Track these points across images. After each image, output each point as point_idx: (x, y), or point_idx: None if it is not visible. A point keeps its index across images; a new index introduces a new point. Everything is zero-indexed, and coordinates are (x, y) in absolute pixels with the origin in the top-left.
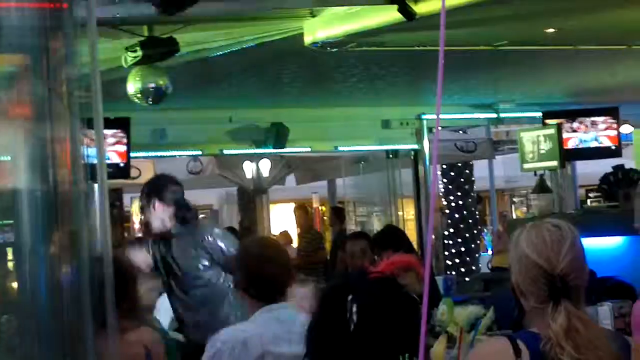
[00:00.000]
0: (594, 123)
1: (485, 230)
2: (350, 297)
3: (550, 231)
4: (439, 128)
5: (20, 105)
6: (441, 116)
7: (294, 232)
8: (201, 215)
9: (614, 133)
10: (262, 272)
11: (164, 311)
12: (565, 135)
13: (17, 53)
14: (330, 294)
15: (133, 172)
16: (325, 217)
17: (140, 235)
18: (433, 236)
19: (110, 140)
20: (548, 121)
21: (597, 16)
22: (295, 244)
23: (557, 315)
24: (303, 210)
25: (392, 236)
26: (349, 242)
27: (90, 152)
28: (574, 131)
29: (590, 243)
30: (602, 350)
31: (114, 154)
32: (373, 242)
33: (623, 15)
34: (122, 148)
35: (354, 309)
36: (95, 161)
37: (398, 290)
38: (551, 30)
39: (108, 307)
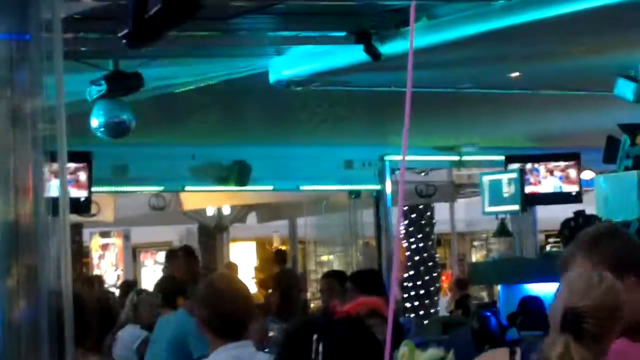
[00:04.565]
0: (555, 168)
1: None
2: (315, 336)
3: (591, 277)
4: (403, 169)
5: None
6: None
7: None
8: (160, 252)
9: (575, 179)
10: (223, 309)
11: (122, 344)
12: (526, 179)
13: None
14: (295, 333)
15: (93, 208)
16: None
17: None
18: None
19: (72, 174)
20: (510, 165)
21: (560, 62)
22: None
23: (556, 344)
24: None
25: (372, 280)
26: (321, 279)
27: (52, 186)
28: (536, 176)
29: (551, 288)
30: None
31: (74, 188)
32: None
33: (585, 62)
34: (84, 183)
35: (320, 348)
36: (56, 195)
37: (364, 331)
38: (515, 74)
39: (67, 343)
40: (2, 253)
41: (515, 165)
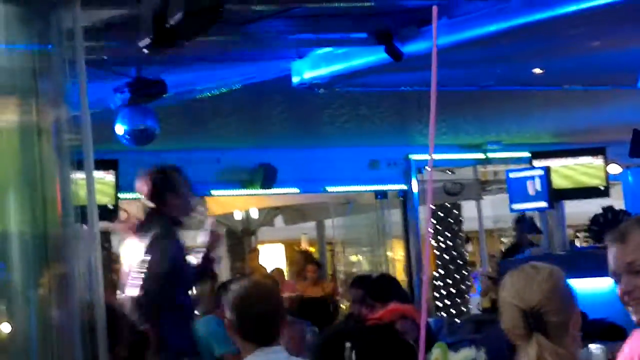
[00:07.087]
0: (582, 163)
1: (476, 270)
2: (348, 344)
3: (525, 271)
4: (431, 168)
5: (10, 147)
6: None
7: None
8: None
9: (601, 173)
10: (253, 313)
11: None
12: (553, 175)
13: (6, 95)
14: (328, 340)
15: (121, 215)
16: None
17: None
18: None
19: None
20: (536, 161)
21: (583, 57)
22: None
23: (528, 349)
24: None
25: (387, 287)
26: (349, 288)
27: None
28: (563, 171)
29: (581, 285)
30: None
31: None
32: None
33: (608, 56)
34: (111, 190)
35: (353, 355)
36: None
37: (395, 337)
38: (538, 70)
39: (100, 351)
40: (33, 263)
41: (542, 161)
